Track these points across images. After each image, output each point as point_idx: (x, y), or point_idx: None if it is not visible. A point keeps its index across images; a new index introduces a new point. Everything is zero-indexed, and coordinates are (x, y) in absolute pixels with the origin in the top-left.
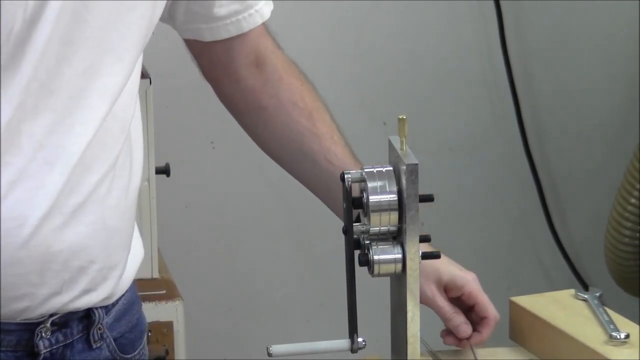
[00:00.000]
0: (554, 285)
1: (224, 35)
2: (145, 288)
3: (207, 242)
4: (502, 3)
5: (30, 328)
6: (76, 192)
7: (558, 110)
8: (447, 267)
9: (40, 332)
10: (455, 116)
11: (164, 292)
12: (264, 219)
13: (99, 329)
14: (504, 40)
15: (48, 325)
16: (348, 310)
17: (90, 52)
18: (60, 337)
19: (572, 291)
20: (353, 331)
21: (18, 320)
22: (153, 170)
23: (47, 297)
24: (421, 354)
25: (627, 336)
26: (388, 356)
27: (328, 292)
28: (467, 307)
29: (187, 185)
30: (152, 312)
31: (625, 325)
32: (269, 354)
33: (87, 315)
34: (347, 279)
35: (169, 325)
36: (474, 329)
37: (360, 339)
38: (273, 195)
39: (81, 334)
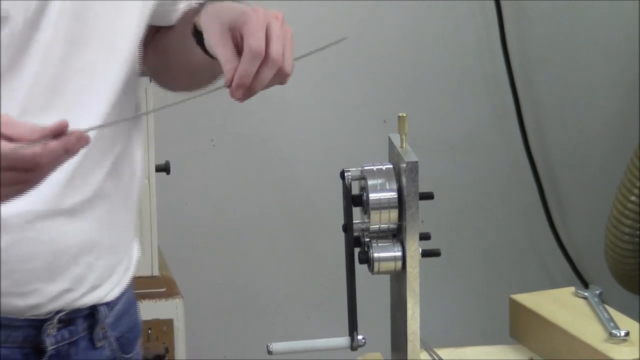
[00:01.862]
0: (554, 283)
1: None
2: (146, 286)
3: (207, 240)
4: (502, 3)
5: (37, 324)
6: (82, 188)
7: (558, 109)
8: (233, 9)
9: (47, 328)
10: (455, 114)
11: (164, 290)
12: (264, 217)
13: (102, 328)
14: (504, 40)
15: (55, 322)
16: (348, 308)
17: (93, 51)
18: (66, 335)
19: (572, 289)
20: (353, 329)
21: (26, 316)
22: (153, 168)
23: (57, 294)
24: (420, 352)
25: (627, 334)
26: (388, 354)
27: (328, 290)
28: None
29: (188, 183)
30: (153, 309)
31: (625, 323)
32: (269, 352)
33: (91, 314)
34: (347, 277)
35: (169, 323)
36: None
37: (360, 337)
38: (273, 193)
39: (85, 332)
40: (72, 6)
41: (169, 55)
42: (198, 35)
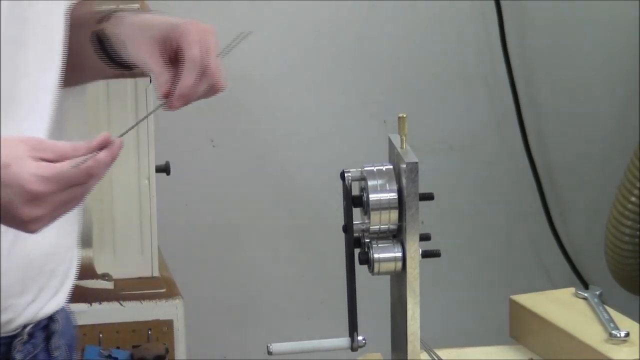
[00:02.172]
0: (554, 284)
1: None
2: (146, 286)
3: (207, 240)
4: (502, 3)
5: (7, 341)
6: None
7: (558, 109)
8: (161, 21)
9: (17, 344)
10: (455, 115)
11: (164, 290)
12: (264, 217)
13: (56, 337)
14: (504, 40)
15: (25, 336)
16: (348, 308)
17: (34, 51)
18: (31, 349)
19: (572, 290)
20: (353, 329)
21: (1, 334)
22: (153, 169)
23: (25, 306)
24: (420, 352)
25: (627, 334)
26: (388, 354)
27: (328, 291)
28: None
29: (187, 183)
30: (152, 310)
31: (625, 324)
32: (269, 353)
33: (47, 325)
34: (347, 278)
35: (169, 323)
36: None
37: (360, 337)
38: (273, 194)
39: (43, 344)
40: (7, 6)
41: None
42: (100, 41)
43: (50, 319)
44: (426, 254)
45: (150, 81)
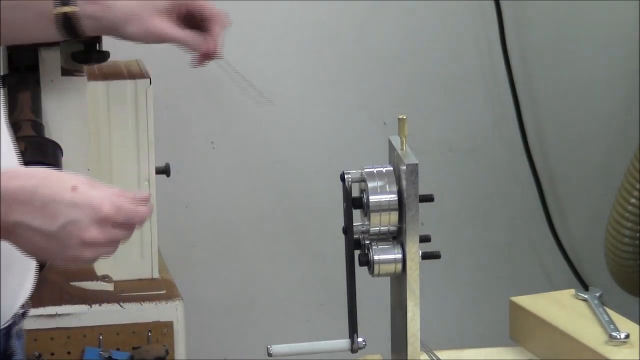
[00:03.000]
0: (554, 285)
1: None
2: (146, 288)
3: (207, 242)
4: (502, 3)
5: (6, 331)
6: None
7: (558, 110)
8: None
9: (15, 330)
10: (455, 116)
11: (164, 292)
12: (264, 219)
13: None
14: (504, 40)
15: (21, 324)
16: (348, 310)
17: None
18: (20, 334)
19: (572, 291)
20: (353, 331)
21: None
22: (153, 171)
23: (19, 290)
24: (420, 354)
25: (627, 336)
26: (388, 356)
27: (328, 292)
28: (194, 23)
29: (187, 185)
30: (152, 312)
31: (625, 325)
32: (269, 354)
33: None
34: (347, 279)
35: (169, 325)
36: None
37: (360, 339)
38: (273, 195)
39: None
40: None
41: None
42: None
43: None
44: (426, 256)
45: (150, 83)
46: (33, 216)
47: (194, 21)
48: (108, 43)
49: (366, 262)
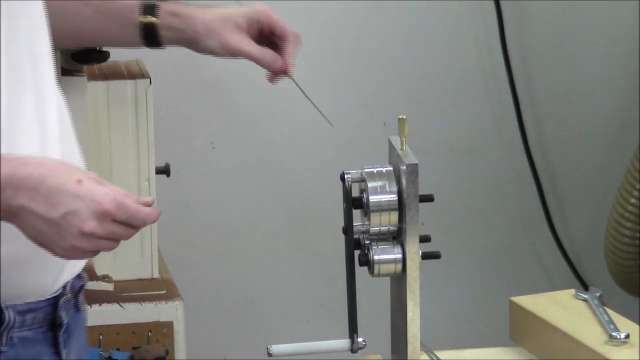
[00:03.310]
0: (554, 285)
1: None
2: (146, 288)
3: (207, 242)
4: (502, 3)
5: (53, 302)
6: None
7: (558, 110)
8: (235, 11)
9: (63, 303)
10: (455, 116)
11: (164, 292)
12: (263, 219)
13: (82, 292)
14: (504, 40)
15: (68, 295)
16: (348, 310)
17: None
18: (71, 306)
19: (572, 291)
20: (353, 331)
21: (47, 295)
22: (153, 171)
23: (65, 262)
24: (420, 354)
25: (627, 336)
26: (388, 356)
27: (328, 292)
28: (268, 39)
29: (187, 185)
30: (152, 312)
31: (625, 325)
32: (269, 354)
33: (75, 280)
34: (347, 279)
35: (169, 325)
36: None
37: (360, 339)
38: (273, 196)
39: (74, 300)
40: None
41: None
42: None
43: (78, 275)
44: (426, 256)
45: (150, 83)
46: (37, 203)
47: (268, 38)
48: None
49: (366, 262)
